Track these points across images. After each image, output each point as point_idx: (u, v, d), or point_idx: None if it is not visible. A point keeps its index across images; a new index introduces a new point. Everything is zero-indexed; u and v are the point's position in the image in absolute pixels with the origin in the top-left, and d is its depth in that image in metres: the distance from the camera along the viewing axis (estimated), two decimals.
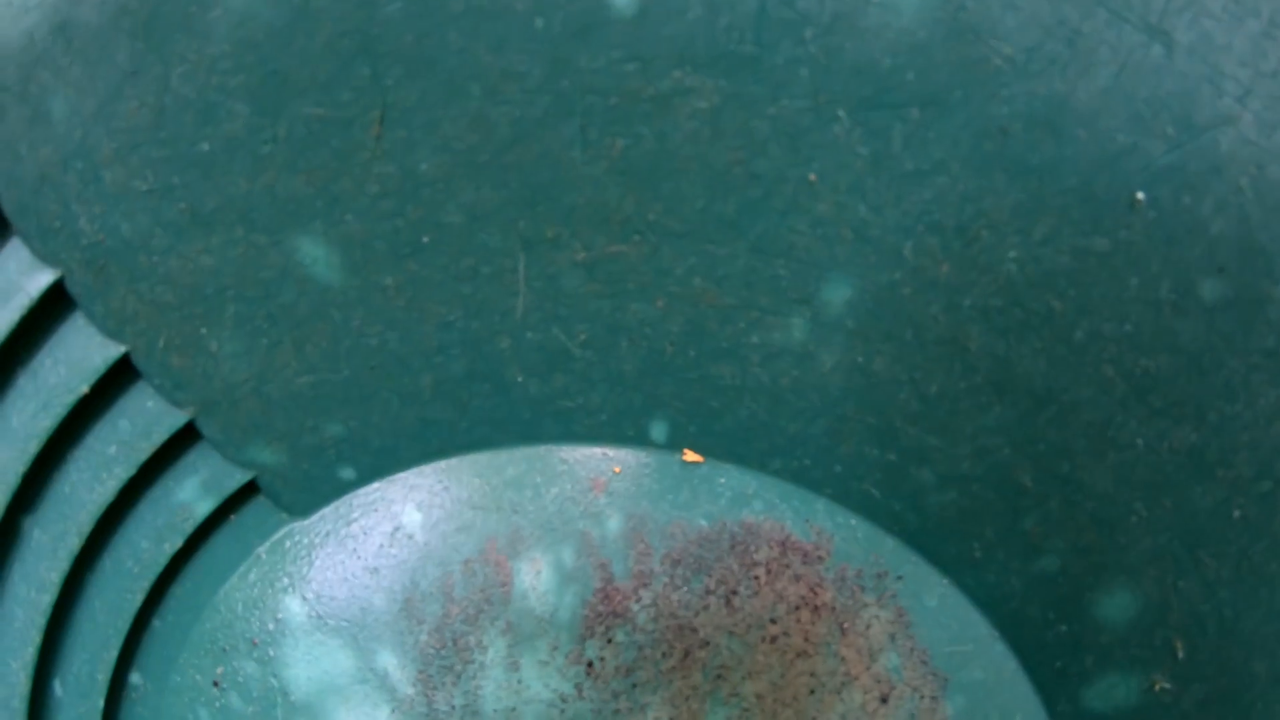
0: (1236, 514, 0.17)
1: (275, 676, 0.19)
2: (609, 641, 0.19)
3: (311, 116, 0.15)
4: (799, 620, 0.19)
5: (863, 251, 0.16)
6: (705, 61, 0.15)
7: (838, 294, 0.17)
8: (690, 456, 0.18)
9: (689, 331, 0.17)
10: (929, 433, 0.18)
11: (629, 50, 0.15)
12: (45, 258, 0.16)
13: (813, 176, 0.16)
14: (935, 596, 0.19)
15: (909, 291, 0.17)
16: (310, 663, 0.19)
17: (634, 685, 0.19)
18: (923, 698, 0.20)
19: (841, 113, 0.15)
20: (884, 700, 0.19)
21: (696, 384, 0.18)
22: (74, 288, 0.16)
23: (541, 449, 0.18)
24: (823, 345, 0.17)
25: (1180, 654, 0.19)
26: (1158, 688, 0.19)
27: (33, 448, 0.17)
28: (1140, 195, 0.16)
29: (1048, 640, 0.20)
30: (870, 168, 0.16)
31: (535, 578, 0.19)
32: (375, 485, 0.18)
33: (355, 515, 0.19)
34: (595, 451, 0.19)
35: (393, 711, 0.19)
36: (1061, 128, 0.15)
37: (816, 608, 0.19)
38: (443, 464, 0.18)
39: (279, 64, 0.15)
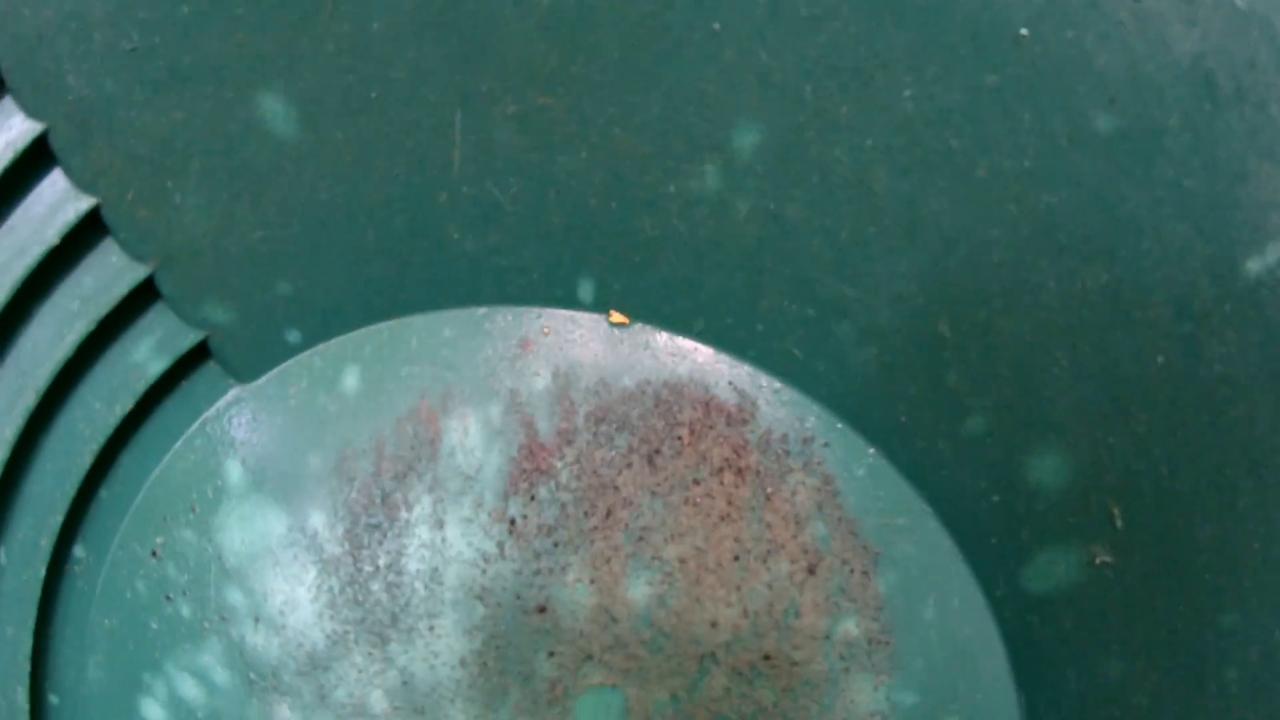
0: (1160, 360, 0.17)
1: (211, 543, 0.19)
2: (532, 499, 0.19)
3: None
4: (722, 482, 0.19)
5: (767, 97, 0.17)
6: None
7: (747, 140, 0.17)
8: (616, 318, 0.19)
9: (611, 183, 0.18)
10: (845, 282, 0.18)
11: None
12: (33, 113, 0.18)
13: (717, 25, 0.17)
14: (863, 466, 0.19)
15: (813, 134, 0.17)
16: (245, 527, 0.19)
17: (555, 545, 0.19)
18: (853, 571, 0.19)
19: None
20: (811, 571, 0.19)
21: (620, 238, 0.18)
22: (56, 142, 0.18)
23: (477, 310, 0.19)
24: (736, 193, 0.18)
25: (1119, 522, 0.18)
26: (1098, 561, 0.18)
27: (2, 297, 0.18)
28: (1024, 31, 0.16)
29: (981, 513, 0.19)
30: (769, 15, 0.17)
31: (463, 435, 0.19)
32: (319, 347, 0.19)
33: (299, 378, 0.19)
34: (527, 312, 0.19)
35: (320, 572, 0.19)
36: None
37: (740, 470, 0.19)
38: (383, 326, 0.19)
39: None
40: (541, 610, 0.19)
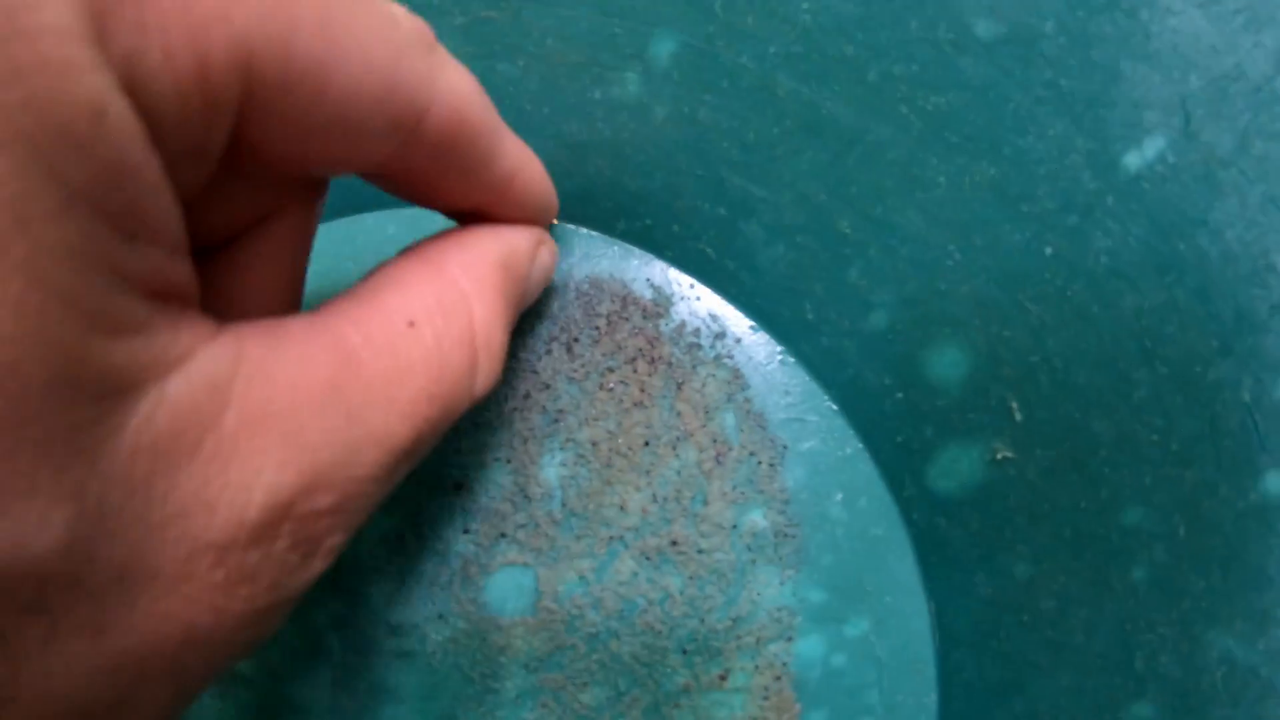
0: (1048, 250, 0.18)
1: None
2: None
3: None
4: (636, 370, 0.19)
5: (681, 9, 0.18)
6: None
7: (664, 48, 0.19)
8: None
9: (544, 89, 0.19)
10: (752, 182, 0.19)
11: None
12: None
13: None
14: (772, 361, 0.19)
15: (722, 43, 0.18)
16: None
17: (475, 425, 0.19)
18: (760, 463, 0.19)
19: None
20: (719, 460, 0.19)
21: (551, 140, 0.19)
22: None
23: (419, 211, 0.20)
24: (654, 98, 0.19)
25: (1018, 415, 0.18)
26: (1000, 456, 0.18)
27: None
28: None
29: (886, 410, 0.19)
30: None
31: None
32: None
33: None
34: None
35: None
36: None
37: (653, 360, 0.19)
38: (335, 223, 0.20)
39: None
40: (459, 487, 0.19)
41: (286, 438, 0.10)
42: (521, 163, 0.15)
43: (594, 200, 0.20)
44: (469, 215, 0.15)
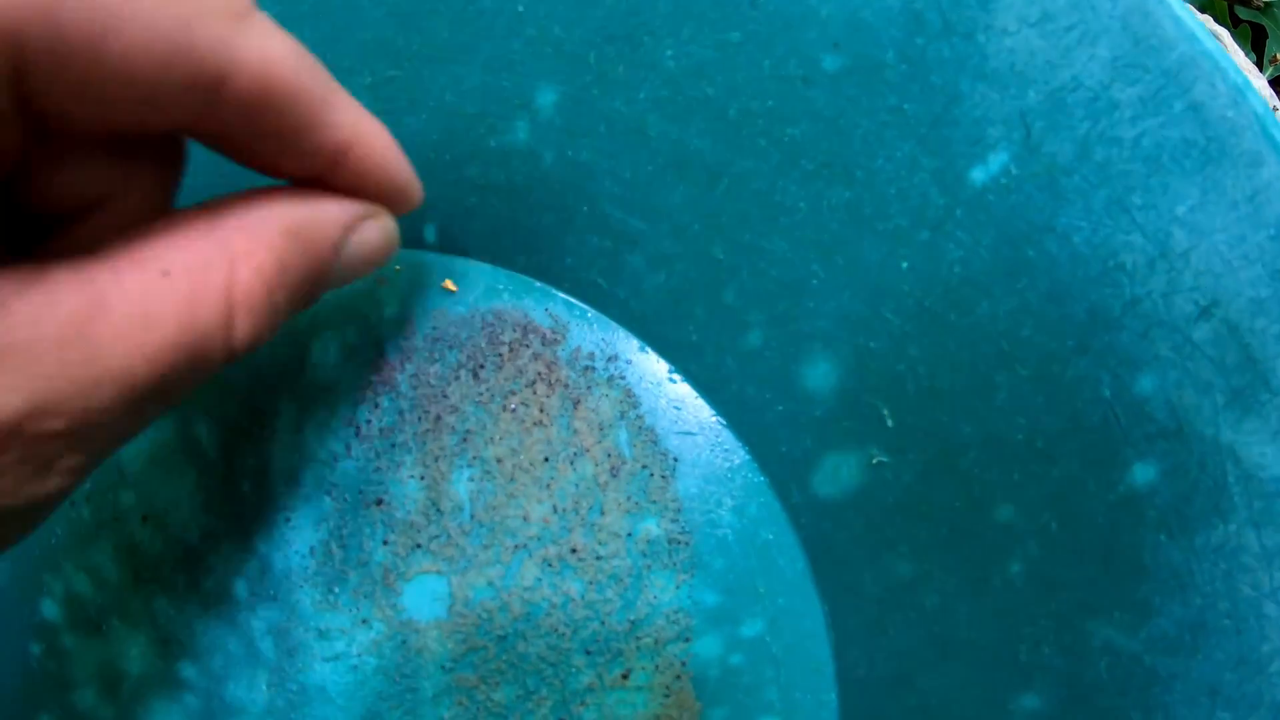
0: (904, 265, 0.18)
1: (115, 454, 0.21)
2: (376, 407, 0.20)
3: None
4: (535, 393, 0.20)
5: (560, 62, 0.19)
6: None
7: (547, 98, 0.20)
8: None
9: (445, 139, 0.20)
10: (632, 216, 0.20)
11: None
12: None
13: (520, 8, 0.19)
14: (662, 381, 0.20)
15: (597, 91, 0.19)
16: (139, 438, 0.21)
17: (393, 445, 0.20)
18: (652, 475, 0.20)
19: None
20: (614, 473, 0.20)
21: (454, 186, 0.21)
22: None
23: None
24: (542, 143, 0.20)
25: (889, 421, 0.18)
26: (875, 461, 0.19)
27: None
28: None
29: (769, 422, 0.19)
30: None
31: (324, 353, 0.21)
32: None
33: None
34: None
35: (200, 474, 0.21)
36: None
37: (552, 383, 0.20)
38: None
39: None
40: (379, 503, 0.20)
41: (19, 367, 0.10)
42: (360, 136, 0.14)
43: (495, 237, 0.21)
44: (306, 184, 0.14)
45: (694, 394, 0.20)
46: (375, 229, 0.15)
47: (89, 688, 0.21)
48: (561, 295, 0.20)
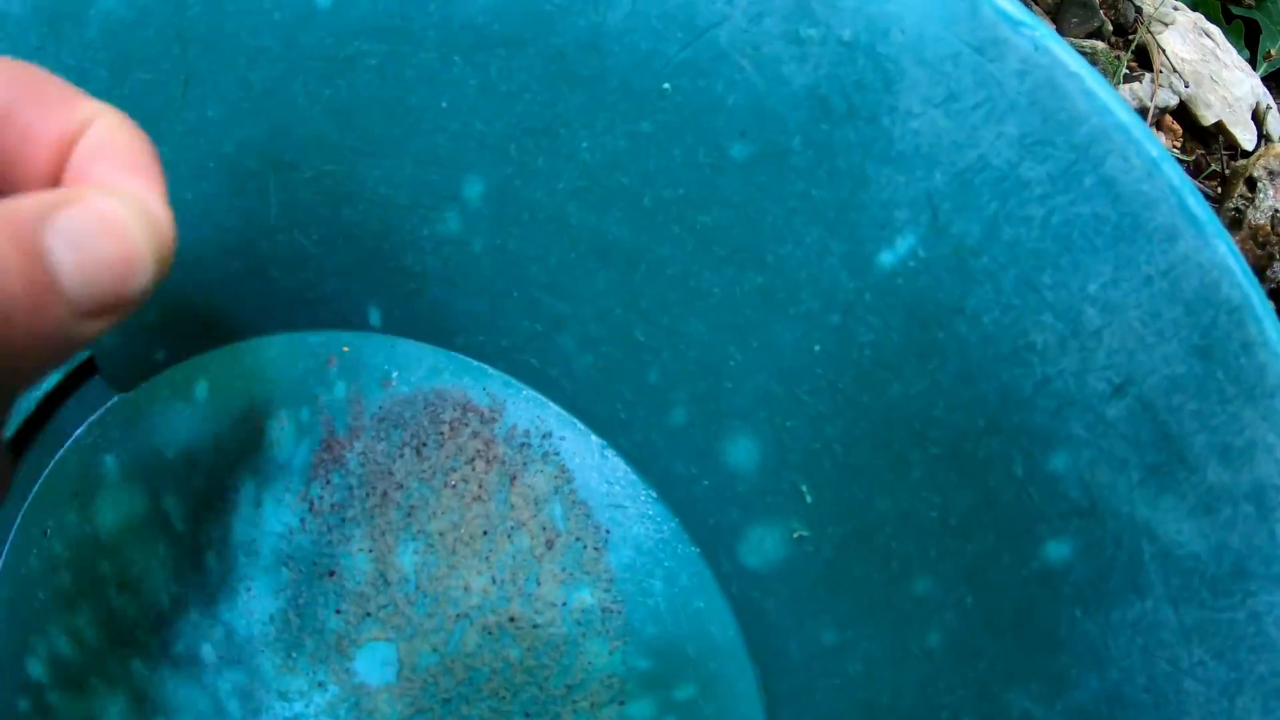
0: (817, 348, 0.18)
1: (89, 523, 0.22)
2: (328, 483, 0.21)
3: (145, 80, 0.21)
4: (475, 469, 0.20)
5: (484, 155, 0.20)
6: (373, 34, 0.20)
7: (474, 189, 0.20)
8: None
9: (382, 229, 0.21)
10: (559, 300, 0.20)
11: (330, 28, 0.20)
12: None
13: (444, 104, 0.20)
14: (593, 455, 0.20)
15: (519, 182, 0.19)
16: (115, 510, 0.22)
17: (343, 520, 0.21)
18: (586, 547, 0.20)
19: (457, 58, 0.20)
20: (549, 546, 0.20)
21: (394, 273, 0.21)
22: None
23: (294, 335, 0.22)
24: (471, 232, 0.20)
25: (809, 498, 0.19)
26: (796, 535, 0.19)
27: None
28: (667, 85, 0.18)
29: (697, 495, 0.20)
30: (479, 93, 0.19)
31: (280, 432, 0.21)
32: (179, 365, 0.22)
33: (163, 389, 0.22)
34: (331, 335, 0.22)
35: (169, 545, 0.22)
36: (601, 45, 0.18)
37: (489, 460, 0.20)
38: (226, 348, 0.22)
39: (129, 48, 0.21)
40: (331, 574, 0.21)
41: None
42: (86, 131, 0.13)
43: (435, 320, 0.21)
44: None
45: (625, 468, 0.20)
46: (90, 215, 0.12)
47: None
48: (498, 374, 0.21)
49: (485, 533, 0.20)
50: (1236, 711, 0.17)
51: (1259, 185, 0.38)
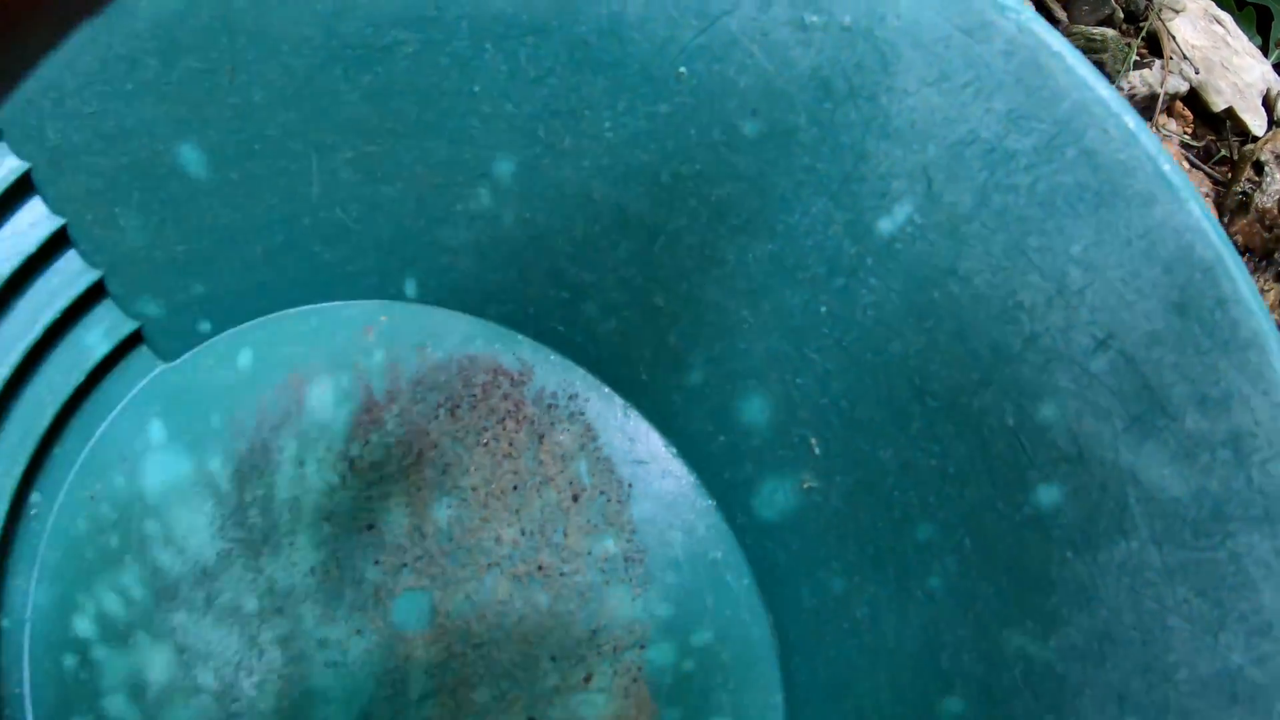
0: (823, 310, 0.20)
1: (136, 486, 0.25)
2: (367, 443, 0.23)
3: (194, 68, 0.24)
4: (505, 429, 0.23)
5: (515, 136, 0.22)
6: (409, 23, 0.23)
7: (505, 168, 0.22)
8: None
9: (418, 206, 0.24)
10: (584, 270, 0.22)
11: (368, 18, 0.23)
12: (21, 155, 0.25)
13: (477, 88, 0.22)
14: (617, 415, 0.23)
15: (547, 161, 0.22)
16: (161, 472, 0.25)
17: (382, 478, 0.23)
18: (610, 500, 0.22)
19: (488, 45, 0.22)
20: (575, 499, 0.22)
21: (429, 247, 0.24)
22: (37, 177, 0.24)
23: (333, 305, 0.25)
24: (502, 207, 0.23)
25: (817, 450, 0.21)
26: (806, 486, 0.21)
27: None
28: (682, 69, 0.21)
29: (713, 451, 0.22)
30: (509, 78, 0.22)
31: (321, 398, 0.24)
32: (223, 335, 0.25)
33: (207, 358, 0.25)
34: (369, 305, 0.24)
35: (214, 505, 0.24)
36: (621, 32, 0.21)
37: (519, 420, 0.23)
38: (268, 318, 0.25)
39: (178, 37, 0.24)
40: (370, 528, 0.23)
41: None
42: None
43: (467, 290, 0.24)
44: None
45: (646, 426, 0.22)
46: None
47: (118, 694, 0.25)
48: (527, 341, 0.23)
49: (515, 488, 0.22)
50: (1220, 647, 0.19)
51: (1266, 170, 0.40)
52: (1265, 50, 0.50)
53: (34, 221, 0.24)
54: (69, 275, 0.24)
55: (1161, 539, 0.19)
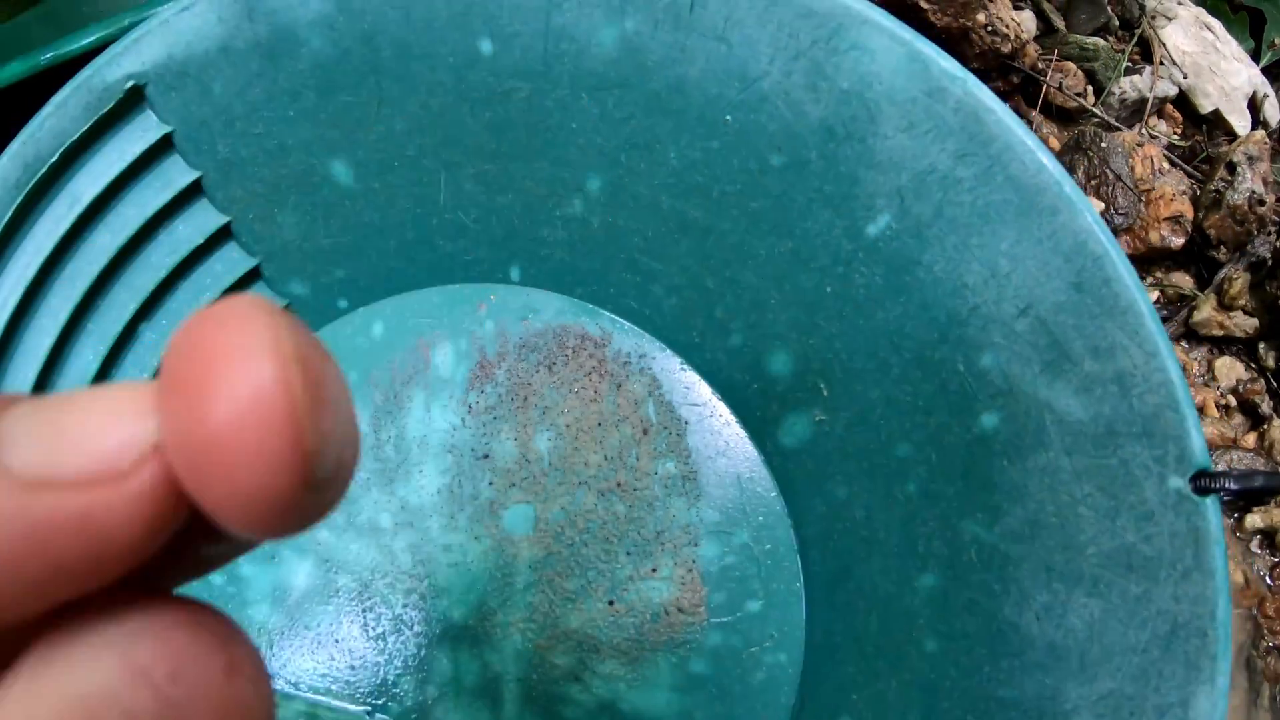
0: (828, 289, 0.34)
1: None
2: (481, 392, 0.36)
3: (347, 101, 0.37)
4: (591, 380, 0.36)
5: (602, 160, 0.36)
6: (523, 75, 0.37)
7: (595, 184, 0.36)
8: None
9: (524, 211, 0.37)
10: (653, 260, 0.36)
11: (491, 70, 0.37)
12: (193, 165, 0.38)
13: (574, 125, 0.36)
14: (676, 370, 0.36)
15: (627, 180, 0.36)
16: None
17: (494, 418, 0.36)
18: (670, 433, 0.35)
19: (584, 94, 0.36)
20: (645, 433, 0.35)
21: (531, 242, 0.37)
22: (206, 183, 0.38)
23: (452, 286, 0.38)
24: (591, 213, 0.36)
25: (825, 392, 0.34)
26: (818, 419, 0.35)
27: (162, 274, 0.38)
28: (728, 117, 0.35)
29: (749, 396, 0.35)
30: (599, 118, 0.36)
31: (444, 358, 0.37)
32: (359, 310, 0.38)
33: (346, 329, 0.38)
34: (481, 286, 0.38)
35: None
36: (684, 89, 0.35)
37: (602, 374, 0.36)
38: (398, 296, 0.38)
39: (334, 77, 0.38)
40: (486, 457, 0.36)
41: None
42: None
43: (561, 275, 0.37)
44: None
45: (698, 378, 0.36)
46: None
47: (263, 604, 0.37)
48: (608, 314, 0.37)
49: (599, 424, 0.35)
50: (1117, 529, 0.33)
51: (1238, 169, 0.52)
52: (1257, 54, 0.63)
53: (203, 220, 0.37)
54: (230, 263, 0.37)
55: (1071, 450, 0.33)
